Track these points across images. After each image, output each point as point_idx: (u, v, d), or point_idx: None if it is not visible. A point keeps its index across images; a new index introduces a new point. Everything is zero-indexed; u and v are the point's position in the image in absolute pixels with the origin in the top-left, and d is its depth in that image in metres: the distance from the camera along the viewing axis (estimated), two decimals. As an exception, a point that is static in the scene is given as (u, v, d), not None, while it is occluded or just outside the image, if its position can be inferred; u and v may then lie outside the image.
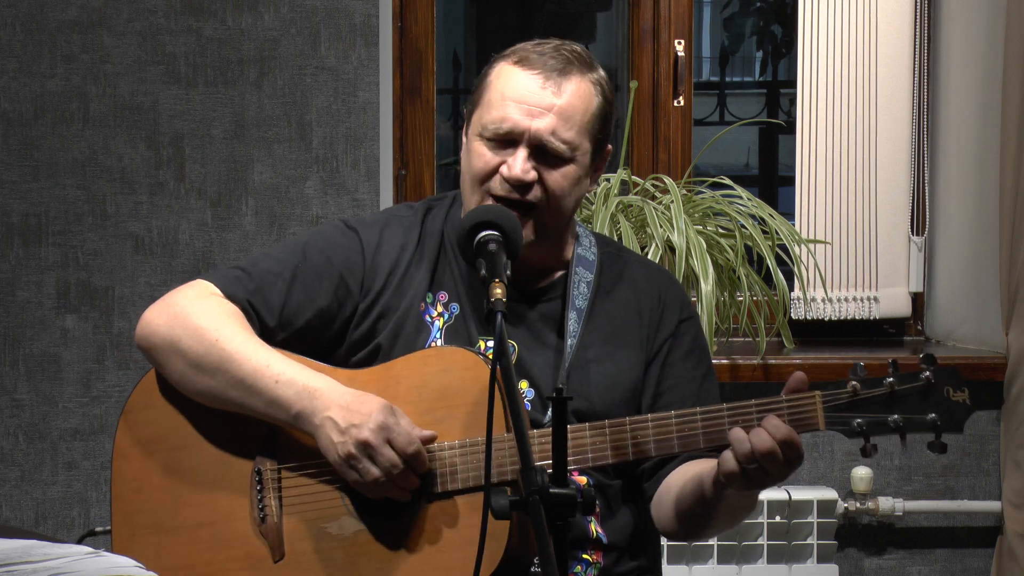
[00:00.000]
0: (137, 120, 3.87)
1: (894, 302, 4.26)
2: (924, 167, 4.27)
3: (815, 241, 4.13)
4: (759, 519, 3.96)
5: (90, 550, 2.09)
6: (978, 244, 4.18)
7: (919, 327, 4.33)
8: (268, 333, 2.58)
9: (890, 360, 2.35)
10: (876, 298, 4.22)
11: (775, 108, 7.82)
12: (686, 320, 2.65)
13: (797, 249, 3.91)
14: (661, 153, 4.22)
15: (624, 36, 4.34)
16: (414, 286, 2.61)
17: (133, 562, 2.09)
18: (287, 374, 2.47)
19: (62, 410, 3.89)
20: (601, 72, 2.59)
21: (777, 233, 3.84)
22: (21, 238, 3.87)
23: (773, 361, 3.94)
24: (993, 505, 4.12)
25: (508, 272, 2.34)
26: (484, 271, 2.33)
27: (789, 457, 2.31)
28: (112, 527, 2.60)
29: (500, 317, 2.21)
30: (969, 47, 4.17)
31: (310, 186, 3.91)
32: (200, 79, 3.88)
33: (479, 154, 2.54)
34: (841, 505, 4.03)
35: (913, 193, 4.26)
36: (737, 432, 2.32)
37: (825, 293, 4.18)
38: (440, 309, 2.61)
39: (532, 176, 2.51)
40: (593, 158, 2.58)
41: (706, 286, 3.66)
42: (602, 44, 6.56)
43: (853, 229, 4.19)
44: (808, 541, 3.99)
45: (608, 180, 3.86)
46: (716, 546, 3.96)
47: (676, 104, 4.22)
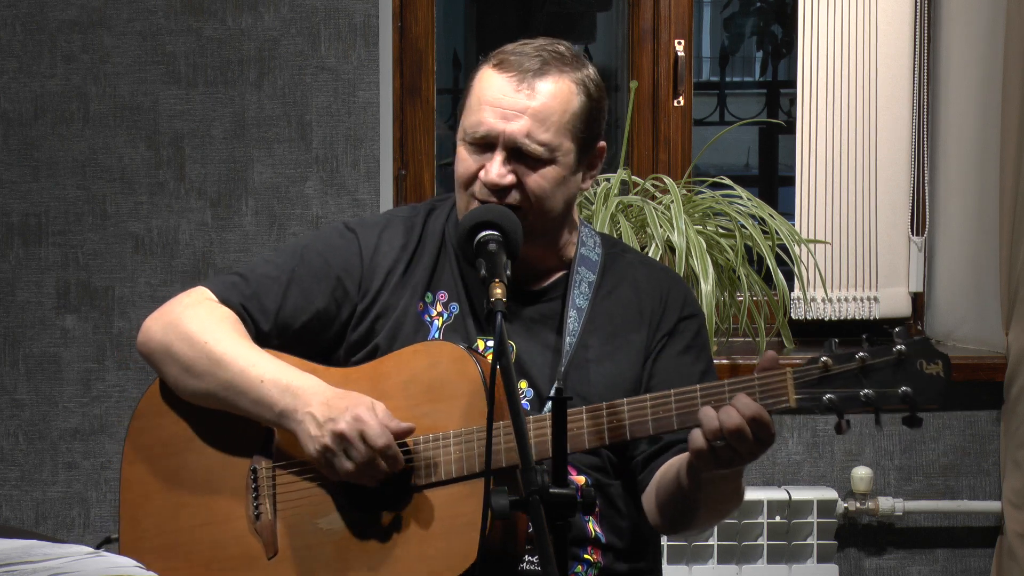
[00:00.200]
0: (137, 120, 3.87)
1: (894, 302, 4.26)
2: (924, 167, 4.27)
3: (815, 241, 4.13)
4: (759, 519, 3.96)
5: (90, 550, 2.09)
6: (978, 244, 4.18)
7: (919, 327, 4.33)
8: (264, 337, 2.60)
9: (864, 334, 2.30)
10: (876, 298, 4.22)
11: (775, 108, 7.82)
12: (687, 318, 2.63)
13: (797, 249, 3.91)
14: (661, 153, 4.22)
15: (624, 36, 4.34)
16: (412, 286, 2.62)
17: (133, 562, 2.09)
18: (271, 373, 2.49)
19: (62, 410, 3.89)
20: (587, 71, 2.56)
21: (777, 233, 3.84)
22: (21, 238, 3.87)
23: (773, 361, 3.94)
24: (993, 505, 4.12)
25: (508, 272, 2.34)
26: (484, 271, 2.33)
27: (759, 435, 2.28)
28: (120, 532, 2.63)
29: (500, 317, 2.21)
30: (969, 47, 4.17)
31: (310, 186, 3.91)
32: (200, 79, 3.88)
33: (462, 159, 2.56)
34: (841, 505, 4.03)
35: (913, 193, 4.26)
36: (707, 410, 2.30)
37: (825, 293, 4.17)
38: (440, 309, 2.61)
39: (509, 180, 2.51)
40: (580, 157, 2.57)
41: (706, 286, 3.66)
42: (602, 44, 6.55)
43: (853, 229, 4.19)
44: (808, 541, 3.98)
45: (608, 180, 3.86)
46: (716, 546, 3.95)
47: (676, 104, 4.22)
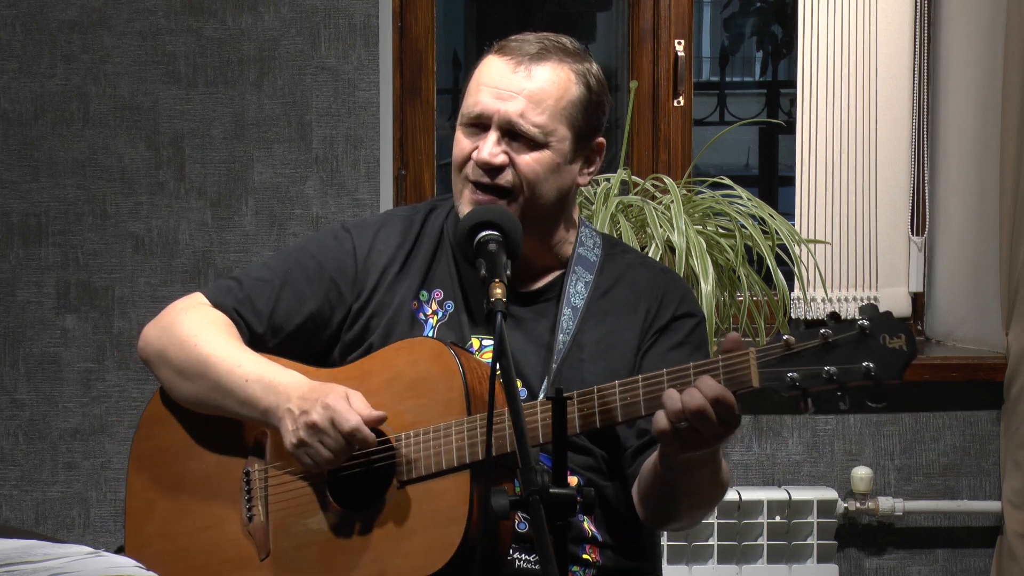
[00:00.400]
0: (137, 120, 3.87)
1: (894, 302, 4.25)
2: (924, 167, 4.27)
3: (815, 241, 4.13)
4: (759, 519, 3.96)
5: (90, 550, 2.09)
6: (978, 244, 4.18)
7: (919, 327, 4.33)
8: (259, 339, 2.60)
9: (829, 312, 2.26)
10: (876, 298, 4.22)
11: (775, 108, 7.82)
12: (683, 316, 2.61)
13: (797, 249, 3.91)
14: (661, 153, 4.22)
15: (624, 36, 4.34)
16: (407, 284, 2.61)
17: (133, 562, 2.09)
18: (255, 372, 2.49)
19: (62, 410, 3.88)
20: (588, 65, 2.56)
21: (777, 233, 3.84)
22: (21, 238, 3.87)
23: (773, 361, 3.94)
24: (993, 505, 4.12)
25: (508, 272, 2.34)
26: (484, 271, 2.32)
27: (722, 416, 2.25)
28: (125, 539, 2.65)
29: (500, 317, 2.21)
30: (969, 47, 4.17)
31: (310, 186, 3.91)
32: (200, 79, 3.88)
33: (457, 140, 2.57)
34: (841, 505, 4.03)
35: (913, 193, 4.26)
36: (670, 392, 2.28)
37: (825, 293, 4.17)
38: (434, 307, 2.60)
39: (501, 160, 2.51)
40: (576, 147, 2.56)
41: (706, 286, 3.66)
42: (602, 44, 6.55)
43: (853, 229, 4.19)
44: (808, 541, 3.99)
45: (608, 180, 3.86)
46: (716, 546, 3.96)
47: (676, 104, 4.22)
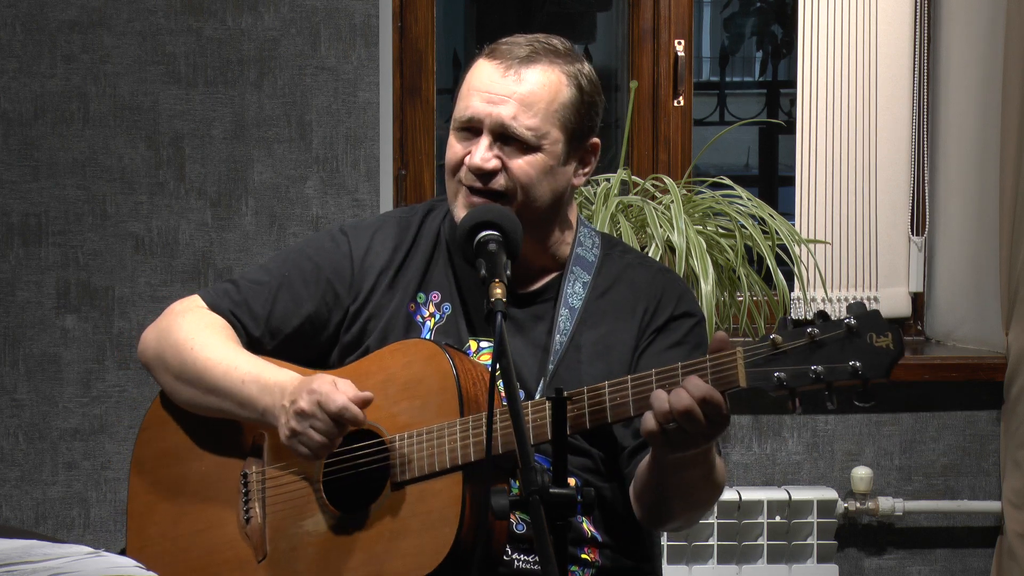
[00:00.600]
0: (137, 120, 3.87)
1: (894, 302, 4.25)
2: (924, 167, 4.27)
3: (815, 241, 4.13)
4: (759, 519, 3.96)
5: (90, 550, 2.09)
6: (978, 244, 4.18)
7: (919, 327, 4.33)
8: (256, 342, 2.60)
9: (816, 311, 2.25)
10: (876, 298, 4.22)
11: (775, 108, 7.82)
12: (681, 316, 2.60)
13: (797, 249, 3.91)
14: (661, 153, 4.22)
15: (624, 36, 4.34)
16: (404, 286, 2.61)
17: (133, 562, 2.09)
18: (252, 373, 2.50)
19: (62, 410, 3.88)
20: (580, 65, 2.56)
21: (777, 233, 3.84)
22: (21, 238, 3.86)
23: (773, 361, 3.94)
24: (993, 505, 4.12)
25: (508, 272, 2.33)
26: (484, 271, 2.32)
27: (710, 416, 2.24)
28: (127, 541, 2.65)
29: (500, 317, 2.20)
30: (969, 47, 4.17)
31: (310, 186, 3.91)
32: (200, 79, 3.88)
33: (450, 145, 2.57)
34: (841, 505, 4.03)
35: (913, 193, 4.26)
36: (658, 393, 2.27)
37: (825, 293, 4.17)
38: (432, 309, 2.60)
39: (493, 164, 2.51)
40: (570, 149, 2.55)
41: (706, 286, 3.66)
42: (602, 44, 6.55)
43: (853, 229, 4.19)
44: (808, 541, 3.99)
45: (608, 180, 3.86)
46: (716, 546, 3.96)
47: (676, 104, 4.22)
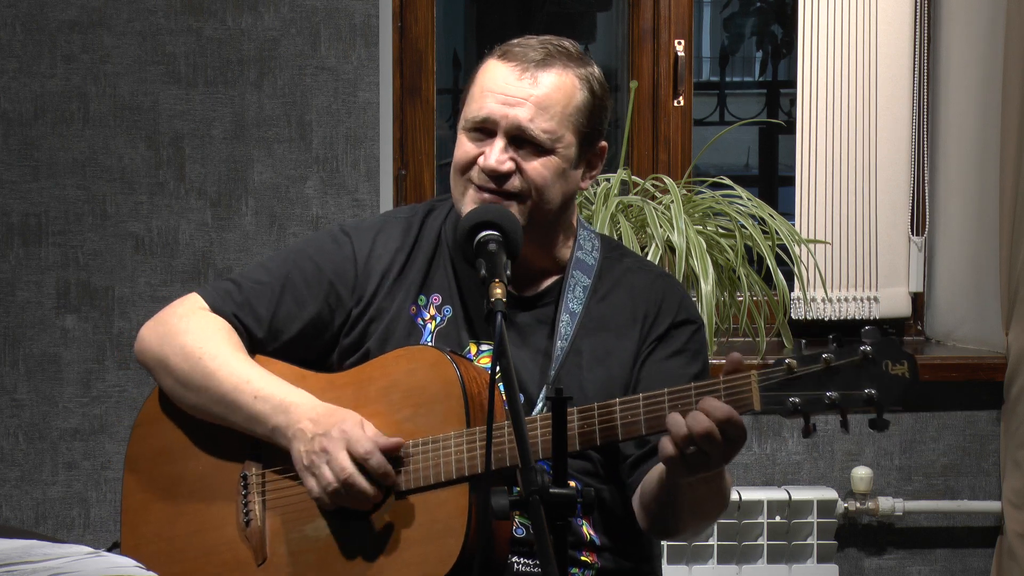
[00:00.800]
0: (137, 120, 3.87)
1: (894, 302, 4.25)
2: (924, 167, 4.27)
3: (815, 241, 4.13)
4: (759, 519, 3.96)
5: (90, 550, 2.09)
6: (978, 244, 4.18)
7: (919, 327, 4.33)
8: (258, 344, 2.59)
9: (832, 335, 2.25)
10: (876, 298, 4.22)
11: (775, 108, 7.81)
12: (681, 324, 2.60)
13: (797, 249, 3.91)
14: (661, 153, 4.22)
15: (624, 36, 4.34)
16: (406, 288, 2.60)
17: (133, 562, 2.09)
18: (265, 390, 2.49)
19: (62, 410, 3.88)
20: (591, 69, 2.56)
21: (777, 233, 3.84)
22: (21, 238, 3.87)
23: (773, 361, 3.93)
24: (993, 505, 4.12)
25: (508, 272, 2.33)
26: (484, 271, 2.31)
27: (730, 435, 2.24)
28: (121, 539, 2.63)
29: (500, 317, 2.20)
30: (969, 47, 4.17)
31: (310, 186, 3.91)
32: (200, 79, 3.88)
33: (460, 144, 2.55)
34: (841, 505, 4.03)
35: (913, 193, 4.26)
36: (674, 416, 2.26)
37: (825, 293, 4.17)
38: (432, 312, 2.59)
39: (508, 167, 2.50)
40: (581, 153, 2.55)
41: (706, 286, 3.66)
42: (602, 44, 6.55)
43: (853, 229, 4.19)
44: (808, 541, 3.98)
45: (608, 180, 3.86)
46: (716, 546, 3.95)
47: (676, 104, 4.22)
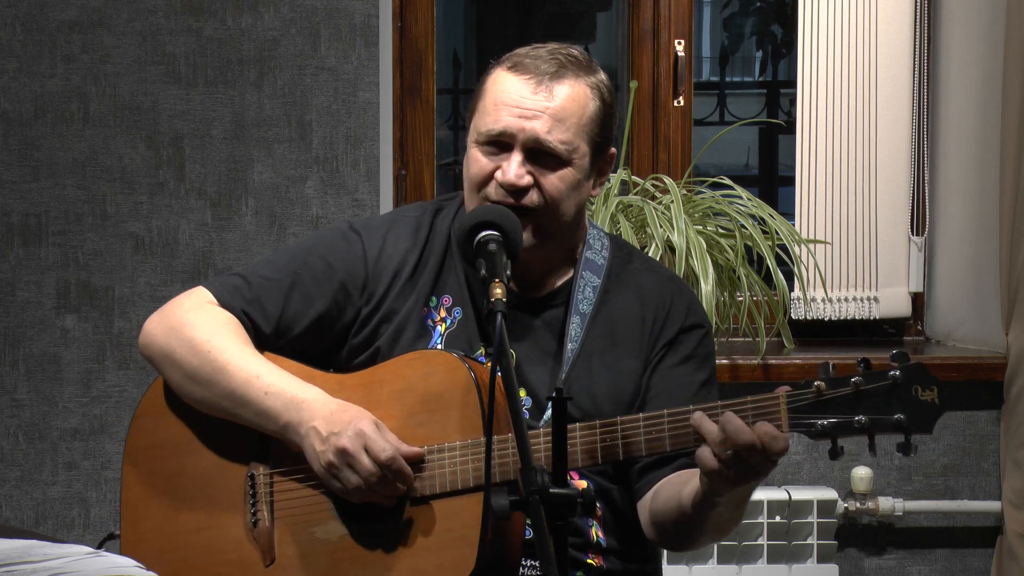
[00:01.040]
0: (137, 120, 3.87)
1: (894, 302, 4.25)
2: (924, 167, 4.27)
3: (815, 241, 4.13)
4: (759, 519, 3.96)
5: (90, 550, 2.09)
6: (978, 244, 4.17)
7: (919, 327, 4.33)
8: (265, 341, 2.58)
9: (860, 359, 2.27)
10: (876, 298, 4.22)
11: (775, 108, 7.81)
12: (690, 329, 2.60)
13: (797, 249, 3.91)
14: (661, 153, 4.22)
15: (624, 36, 4.34)
16: (418, 289, 2.59)
17: (133, 562, 2.09)
18: (276, 386, 2.48)
19: (62, 410, 3.88)
20: (600, 76, 2.56)
21: (777, 233, 3.84)
22: (21, 238, 3.87)
23: (773, 361, 3.94)
24: (993, 505, 4.12)
25: (508, 272, 2.32)
26: (484, 271, 2.31)
27: (771, 455, 2.25)
28: (121, 532, 2.62)
29: (500, 317, 2.20)
30: (969, 47, 4.17)
31: (310, 186, 3.91)
32: (200, 79, 3.88)
33: (475, 159, 2.53)
34: (841, 505, 4.03)
35: (913, 193, 4.26)
36: (730, 417, 2.27)
37: (825, 293, 4.17)
38: (443, 314, 2.59)
39: (526, 181, 2.49)
40: (593, 161, 2.56)
41: (706, 286, 3.66)
42: (602, 44, 6.56)
43: (853, 229, 4.19)
44: (808, 541, 3.98)
45: (608, 180, 3.86)
46: (716, 546, 3.95)
47: (676, 104, 4.22)
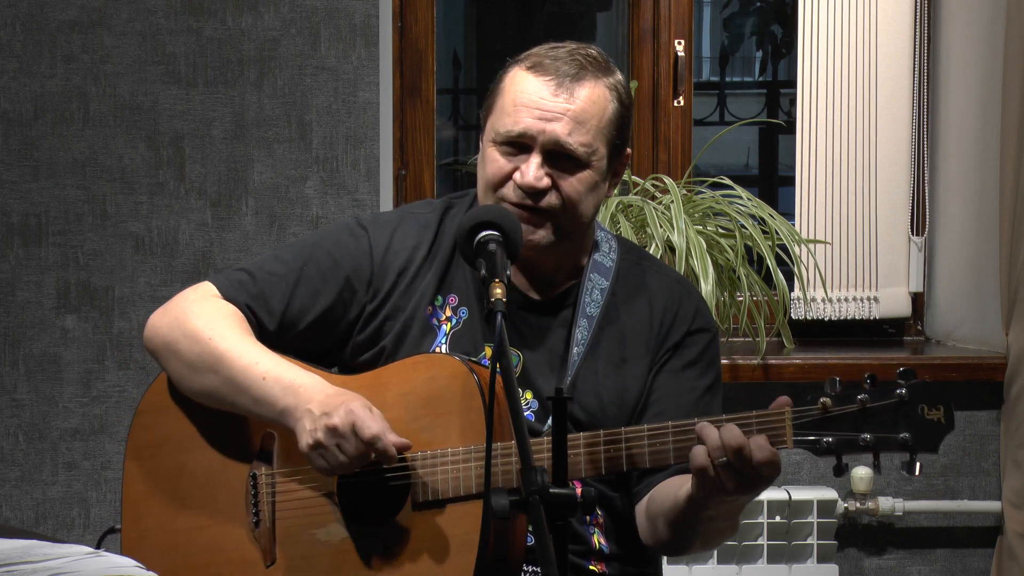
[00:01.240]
0: (137, 120, 3.87)
1: (894, 302, 4.25)
2: (924, 167, 4.27)
3: (815, 241, 4.13)
4: (759, 519, 3.96)
5: (90, 550, 2.09)
6: (978, 244, 4.17)
7: (919, 327, 4.33)
8: (269, 336, 2.57)
9: (866, 375, 2.26)
10: (876, 298, 4.22)
11: (775, 108, 7.81)
12: (696, 332, 2.59)
13: (797, 249, 3.91)
14: (661, 153, 4.22)
15: (624, 36, 4.34)
16: (423, 288, 2.58)
17: (133, 562, 2.09)
18: (274, 371, 2.47)
19: (62, 410, 3.88)
20: (618, 76, 2.55)
21: (777, 233, 3.84)
22: (21, 238, 3.87)
23: (773, 361, 3.94)
24: (993, 505, 4.12)
25: (508, 272, 2.31)
26: (484, 271, 2.30)
27: (765, 474, 2.25)
28: (122, 529, 2.62)
29: (500, 317, 2.19)
30: (969, 47, 4.17)
31: (310, 186, 3.91)
32: (200, 79, 3.88)
33: (492, 160, 2.51)
34: (841, 505, 4.03)
35: (913, 193, 4.26)
36: (705, 426, 2.27)
37: (825, 293, 4.17)
38: (448, 313, 2.57)
39: (545, 183, 2.48)
40: (610, 163, 2.54)
41: (706, 286, 3.66)
42: (602, 44, 6.52)
43: (853, 229, 4.19)
44: (808, 541, 3.99)
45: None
46: (716, 546, 3.96)
47: (676, 104, 4.22)
